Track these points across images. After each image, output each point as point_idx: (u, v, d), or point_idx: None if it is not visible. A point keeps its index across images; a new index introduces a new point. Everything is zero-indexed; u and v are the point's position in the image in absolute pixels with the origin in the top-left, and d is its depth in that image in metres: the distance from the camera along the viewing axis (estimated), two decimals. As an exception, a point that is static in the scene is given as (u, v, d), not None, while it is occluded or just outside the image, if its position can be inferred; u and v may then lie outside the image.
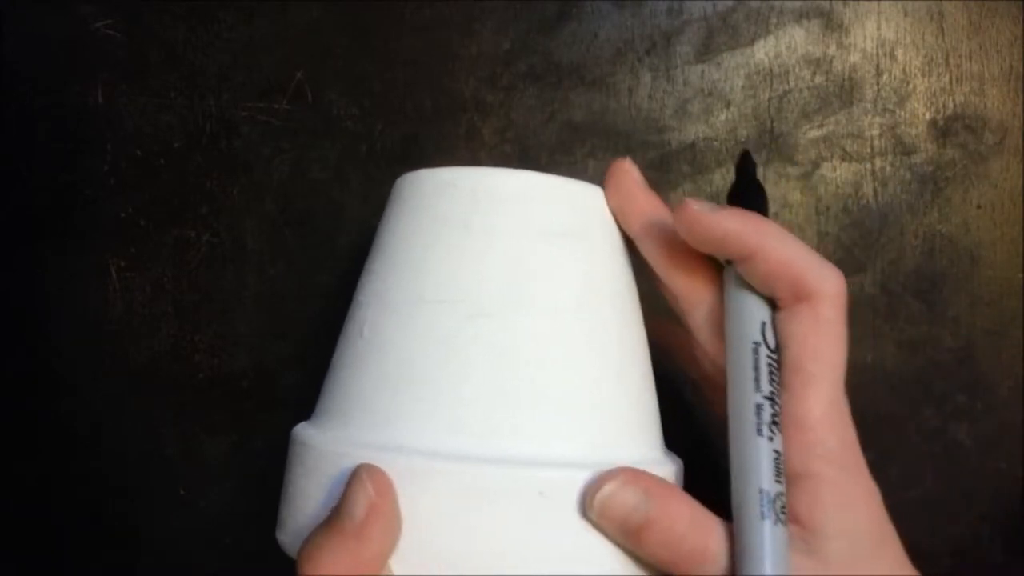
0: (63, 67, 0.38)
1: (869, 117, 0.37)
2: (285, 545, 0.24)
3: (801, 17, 0.37)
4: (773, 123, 0.37)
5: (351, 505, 0.20)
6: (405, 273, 0.24)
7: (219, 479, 0.37)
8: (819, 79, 0.37)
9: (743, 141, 0.37)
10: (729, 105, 0.37)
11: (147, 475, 0.38)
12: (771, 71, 0.37)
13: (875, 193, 0.36)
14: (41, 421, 0.38)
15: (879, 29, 0.37)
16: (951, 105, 0.37)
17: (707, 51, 0.37)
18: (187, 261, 0.38)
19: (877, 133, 0.37)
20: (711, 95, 0.37)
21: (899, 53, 0.37)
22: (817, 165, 0.37)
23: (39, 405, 0.38)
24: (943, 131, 0.37)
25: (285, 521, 0.24)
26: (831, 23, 0.37)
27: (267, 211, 0.38)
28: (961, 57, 0.37)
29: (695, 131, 0.37)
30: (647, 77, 0.37)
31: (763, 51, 0.37)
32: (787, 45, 0.37)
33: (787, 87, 0.37)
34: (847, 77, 0.37)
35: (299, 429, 0.25)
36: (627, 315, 0.26)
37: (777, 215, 0.37)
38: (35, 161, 0.38)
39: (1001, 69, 0.37)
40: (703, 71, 0.37)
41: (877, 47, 0.37)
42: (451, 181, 0.25)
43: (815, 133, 0.37)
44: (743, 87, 0.37)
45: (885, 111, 0.37)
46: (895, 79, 0.37)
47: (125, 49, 0.38)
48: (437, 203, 0.25)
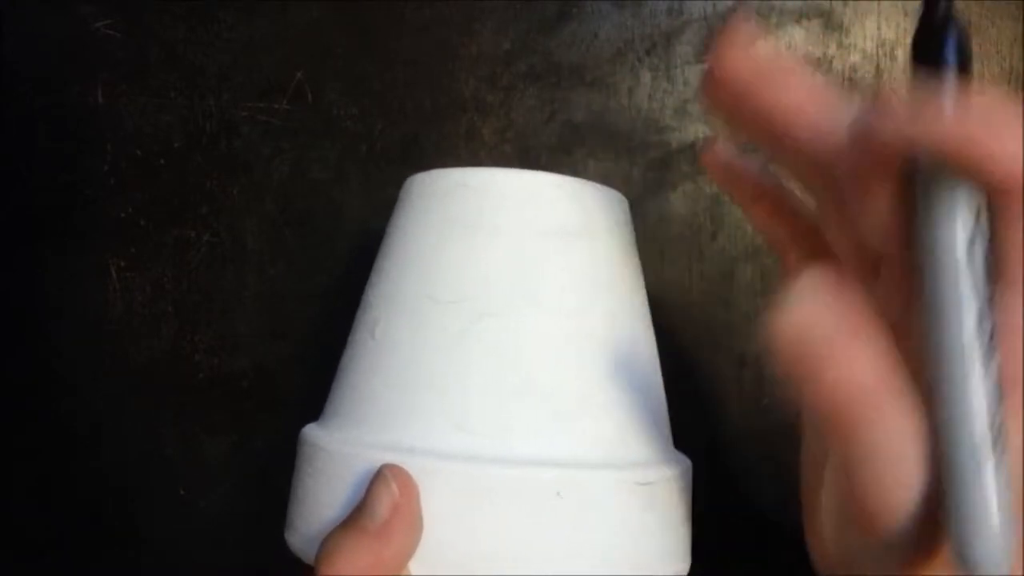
0: (63, 67, 0.38)
1: (869, 117, 0.37)
2: (294, 546, 0.24)
3: (801, 17, 0.37)
4: (773, 123, 0.37)
5: (375, 505, 0.20)
6: (415, 274, 0.24)
7: (219, 479, 0.37)
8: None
9: (743, 141, 0.37)
10: (729, 105, 0.37)
11: (147, 475, 0.38)
12: (771, 71, 0.37)
13: (875, 193, 0.36)
14: (41, 421, 0.38)
15: (879, 29, 0.37)
16: (951, 105, 0.37)
17: (707, 51, 0.37)
18: (187, 261, 0.38)
19: (877, 133, 0.37)
20: (711, 95, 0.37)
21: (899, 53, 0.37)
22: (817, 165, 0.37)
23: (39, 405, 0.38)
24: (943, 131, 0.37)
25: (294, 522, 0.24)
26: (831, 23, 0.37)
27: (267, 211, 0.38)
28: (961, 57, 0.37)
29: (695, 131, 0.37)
30: (647, 77, 0.37)
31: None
32: (787, 45, 0.37)
33: (787, 87, 0.37)
34: (847, 77, 0.37)
35: (308, 430, 0.25)
36: (635, 314, 0.26)
37: (777, 215, 0.37)
38: (35, 161, 0.38)
39: (1001, 69, 0.37)
40: (703, 71, 0.37)
41: (877, 47, 0.37)
42: (461, 181, 0.25)
43: (815, 133, 0.37)
44: (743, 87, 0.37)
45: (885, 111, 0.37)
46: (895, 79, 0.37)
47: (125, 49, 0.38)
48: (447, 203, 0.24)
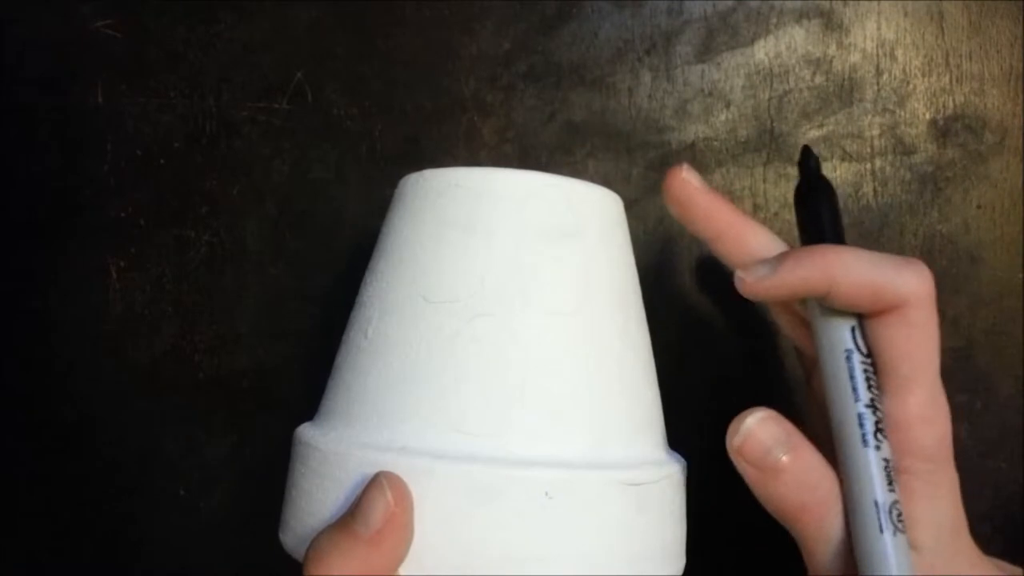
0: (63, 67, 0.38)
1: (869, 117, 0.37)
2: (287, 545, 0.24)
3: (801, 17, 0.37)
4: (773, 123, 0.37)
5: (368, 511, 0.20)
6: (408, 274, 0.24)
7: (219, 479, 0.37)
8: (819, 79, 0.37)
9: (743, 141, 0.37)
10: (729, 105, 0.37)
11: (147, 475, 0.38)
12: (771, 71, 0.37)
13: (875, 193, 0.36)
14: (41, 421, 0.38)
15: (879, 29, 0.37)
16: (951, 105, 0.37)
17: (707, 51, 0.37)
18: (187, 261, 0.38)
19: (877, 133, 0.37)
20: (711, 95, 0.37)
21: (899, 53, 0.37)
22: (817, 165, 0.37)
23: (39, 405, 0.38)
24: (943, 131, 0.37)
25: (288, 521, 0.24)
26: (831, 23, 0.37)
27: (267, 211, 0.38)
28: (961, 57, 0.37)
29: (695, 131, 0.37)
30: (647, 77, 0.37)
31: (763, 51, 0.37)
32: (787, 45, 0.37)
33: (787, 87, 0.37)
34: (847, 77, 0.37)
35: (302, 430, 0.25)
36: (629, 314, 0.26)
37: (777, 215, 0.37)
38: (35, 161, 0.38)
39: (1001, 69, 0.37)
40: (703, 71, 0.37)
41: (877, 47, 0.37)
42: (455, 181, 0.25)
43: (815, 133, 0.37)
44: (743, 87, 0.37)
45: (885, 111, 0.37)
46: (895, 79, 0.37)
47: (125, 49, 0.38)
48: (441, 203, 0.24)
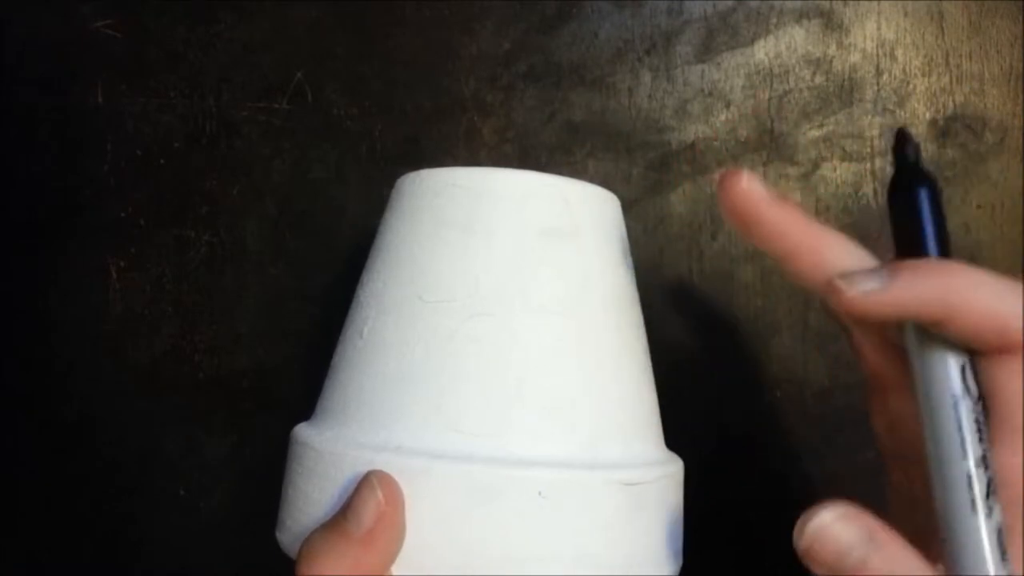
0: (63, 67, 0.38)
1: (869, 117, 0.37)
2: (284, 544, 0.24)
3: (801, 17, 0.37)
4: (773, 123, 0.37)
5: (360, 511, 0.20)
6: (405, 273, 0.24)
7: (219, 479, 0.37)
8: (819, 79, 0.37)
9: (743, 141, 0.37)
10: (729, 105, 0.37)
11: (147, 475, 0.38)
12: (771, 71, 0.37)
13: (875, 193, 0.36)
14: (41, 421, 0.38)
15: (879, 29, 0.37)
16: (951, 105, 0.37)
17: (707, 51, 0.37)
18: (187, 261, 0.38)
19: (877, 133, 0.37)
20: (711, 95, 0.37)
21: (899, 53, 0.37)
22: (817, 165, 0.37)
23: (39, 405, 0.38)
24: (943, 131, 0.37)
25: (284, 521, 0.24)
26: (831, 23, 0.37)
27: (267, 211, 0.38)
28: (961, 57, 0.37)
29: (695, 131, 0.37)
30: (647, 77, 0.37)
31: (763, 51, 0.37)
32: (787, 45, 0.37)
33: (787, 87, 0.37)
34: (847, 77, 0.37)
35: (298, 429, 0.25)
36: (626, 315, 0.25)
37: (777, 215, 0.37)
38: (35, 161, 0.38)
39: (1001, 69, 0.37)
40: (703, 71, 0.37)
41: (877, 47, 0.37)
42: (452, 181, 0.25)
43: (815, 133, 0.37)
44: (743, 87, 0.37)
45: (885, 111, 0.37)
46: (895, 79, 0.37)
47: (125, 49, 0.38)
48: (438, 203, 0.25)
